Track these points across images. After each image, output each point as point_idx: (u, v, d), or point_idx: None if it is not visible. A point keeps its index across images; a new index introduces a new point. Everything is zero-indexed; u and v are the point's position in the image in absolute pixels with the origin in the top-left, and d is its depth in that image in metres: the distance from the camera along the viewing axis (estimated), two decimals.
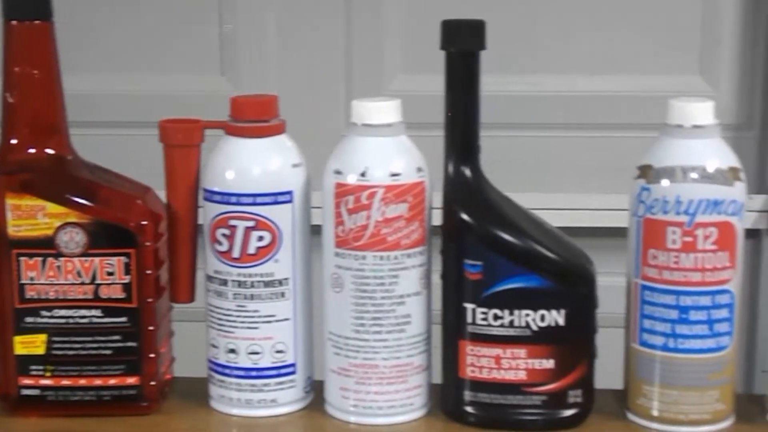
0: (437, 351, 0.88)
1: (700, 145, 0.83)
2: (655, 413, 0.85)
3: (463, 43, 0.84)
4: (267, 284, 0.87)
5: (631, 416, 0.87)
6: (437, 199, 0.86)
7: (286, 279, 0.87)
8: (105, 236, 0.86)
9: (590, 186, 1.49)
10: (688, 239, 0.82)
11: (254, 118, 0.87)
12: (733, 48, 1.49)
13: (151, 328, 0.88)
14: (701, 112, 0.84)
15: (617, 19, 1.49)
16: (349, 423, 0.88)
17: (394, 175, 0.84)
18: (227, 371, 0.89)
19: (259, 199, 0.86)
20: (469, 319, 0.85)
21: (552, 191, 1.48)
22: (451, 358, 0.87)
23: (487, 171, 0.87)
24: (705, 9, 1.48)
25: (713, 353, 0.84)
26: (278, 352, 0.88)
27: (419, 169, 0.85)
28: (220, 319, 0.88)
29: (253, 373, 0.88)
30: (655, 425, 0.86)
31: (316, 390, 0.91)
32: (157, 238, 0.88)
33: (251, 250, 0.86)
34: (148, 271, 0.87)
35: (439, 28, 0.84)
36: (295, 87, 1.53)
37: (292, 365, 0.89)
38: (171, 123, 0.90)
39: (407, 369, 0.87)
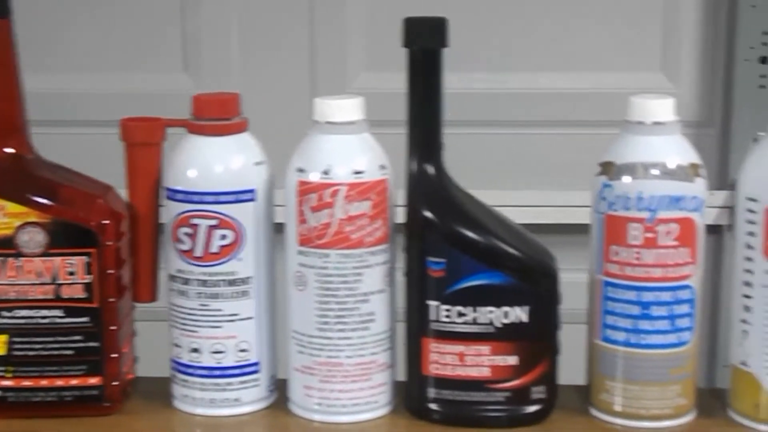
0: (401, 348, 0.88)
1: (660, 141, 0.84)
2: (618, 408, 0.86)
3: (425, 41, 0.84)
4: (230, 283, 0.87)
5: (593, 412, 0.88)
6: (401, 197, 0.86)
7: (249, 278, 0.87)
8: (66, 236, 0.85)
9: (553, 183, 1.50)
10: (650, 235, 0.83)
11: (216, 116, 0.87)
12: (694, 45, 1.50)
13: (113, 327, 0.87)
14: (662, 108, 0.84)
15: (579, 17, 1.50)
16: (313, 421, 0.88)
17: (357, 172, 0.84)
18: (190, 371, 0.88)
19: (221, 198, 0.85)
20: (433, 317, 0.85)
21: (515, 188, 1.49)
22: (415, 356, 0.87)
23: (451, 168, 0.87)
24: (666, 6, 1.49)
25: (675, 348, 0.85)
26: (242, 351, 0.88)
27: (382, 167, 0.85)
28: (182, 318, 0.88)
29: (217, 373, 0.88)
30: (617, 420, 0.86)
31: (280, 389, 0.91)
32: (119, 237, 0.87)
33: (214, 248, 0.86)
34: (110, 271, 0.86)
35: (401, 25, 0.84)
36: (258, 85, 1.52)
37: (256, 364, 0.89)
38: (132, 121, 0.90)
39: (371, 367, 0.87)
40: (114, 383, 0.88)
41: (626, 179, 0.83)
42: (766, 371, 0.84)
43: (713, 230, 1.47)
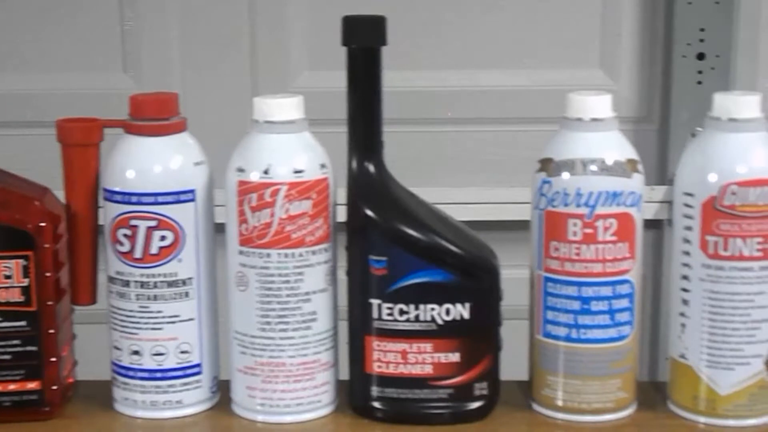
0: (344, 347, 0.88)
1: (599, 137, 0.85)
2: (560, 403, 0.87)
3: (363, 39, 0.84)
4: (170, 284, 0.86)
5: (536, 407, 0.89)
6: (342, 196, 0.86)
7: (189, 278, 0.86)
8: (2, 239, 0.84)
9: (493, 180, 1.50)
10: (589, 231, 0.84)
11: (154, 116, 0.86)
12: (633, 42, 1.52)
13: (51, 331, 0.86)
14: (599, 105, 0.85)
15: (519, 14, 1.51)
16: (256, 422, 0.87)
17: (297, 172, 0.84)
18: (131, 373, 0.87)
19: (160, 199, 0.85)
20: (375, 315, 0.85)
21: (456, 185, 1.49)
22: (358, 354, 0.87)
23: (392, 166, 0.87)
24: (605, 4, 1.51)
25: (615, 342, 0.85)
26: (183, 352, 0.87)
27: (323, 166, 0.85)
28: (123, 320, 0.87)
29: (158, 375, 0.87)
30: (559, 415, 0.87)
31: (222, 390, 0.90)
32: (57, 239, 0.86)
33: (153, 250, 0.85)
34: (48, 274, 0.85)
35: (340, 24, 0.84)
36: (199, 84, 1.51)
37: (198, 365, 0.88)
38: (69, 122, 0.88)
39: (314, 366, 0.86)
40: (53, 387, 0.87)
41: (565, 175, 0.84)
42: (704, 364, 0.85)
43: (654, 225, 1.48)
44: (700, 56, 1.47)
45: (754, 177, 0.82)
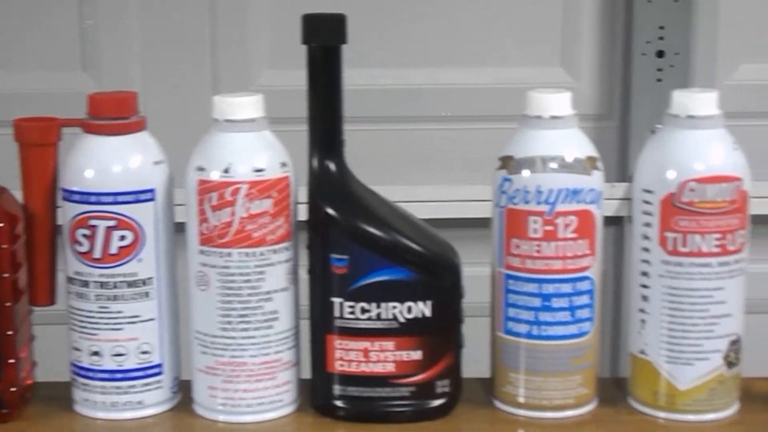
0: (306, 346, 0.88)
1: (558, 135, 0.85)
2: (521, 400, 0.87)
3: (323, 38, 0.84)
4: (130, 284, 0.85)
5: (498, 404, 0.89)
6: (303, 194, 0.86)
7: (150, 278, 0.86)
8: None
9: (454, 177, 1.51)
10: (549, 228, 0.84)
11: (113, 115, 0.85)
12: (593, 40, 1.52)
13: (9, 332, 0.85)
14: (559, 102, 0.85)
15: (480, 12, 1.51)
16: (217, 422, 0.87)
17: (257, 170, 0.84)
18: (91, 374, 0.87)
19: (119, 198, 0.84)
20: (337, 313, 0.85)
21: (417, 183, 1.49)
22: (320, 353, 0.86)
23: (353, 165, 0.87)
24: (565, 2, 1.51)
25: (575, 339, 0.86)
26: (144, 353, 0.87)
27: (283, 164, 0.85)
28: (82, 321, 0.86)
29: (118, 375, 0.86)
30: (521, 412, 0.87)
31: (183, 390, 0.90)
32: (14, 240, 0.85)
33: (113, 250, 0.85)
34: (5, 275, 0.84)
35: (300, 22, 0.84)
36: (160, 83, 1.50)
37: (159, 366, 0.87)
38: (26, 121, 0.88)
39: (276, 365, 0.86)
40: (12, 389, 0.86)
41: (525, 173, 0.84)
42: (664, 359, 0.86)
43: (615, 222, 1.49)
44: (660, 54, 1.48)
45: (712, 174, 0.83)
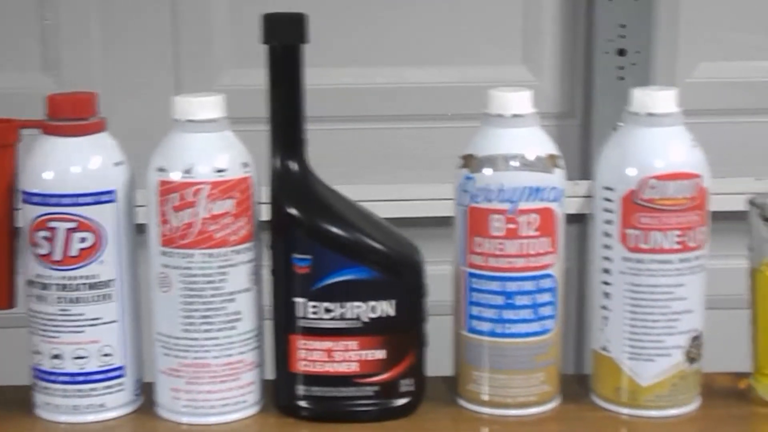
0: (269, 346, 0.88)
1: (520, 133, 0.85)
2: (485, 398, 0.87)
3: (284, 37, 0.84)
4: (92, 286, 0.85)
5: (461, 402, 0.89)
6: (265, 194, 0.86)
7: (111, 280, 0.85)
8: None
9: (417, 176, 1.51)
10: (512, 226, 0.84)
11: (72, 116, 0.85)
12: (555, 38, 1.53)
13: None
14: (520, 101, 0.86)
15: (442, 11, 1.51)
16: (181, 424, 0.86)
17: (219, 171, 0.83)
18: (52, 378, 0.86)
19: (80, 200, 0.83)
20: (300, 314, 0.85)
21: (380, 183, 1.49)
22: (283, 353, 0.86)
23: (316, 164, 0.87)
24: (527, 0, 1.52)
25: (538, 336, 0.86)
26: (105, 355, 0.86)
27: (245, 165, 0.85)
28: (43, 324, 0.85)
29: (80, 378, 0.86)
30: (485, 409, 0.88)
31: (146, 392, 0.89)
32: None
33: (73, 252, 0.84)
34: None
35: (260, 22, 0.84)
36: (121, 83, 1.49)
37: (121, 368, 0.87)
38: None
39: (239, 366, 0.86)
40: None
41: (487, 171, 0.84)
42: (626, 356, 0.86)
43: (578, 219, 1.50)
44: (621, 52, 1.49)
45: (672, 171, 0.84)
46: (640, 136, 0.85)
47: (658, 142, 0.85)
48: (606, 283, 0.87)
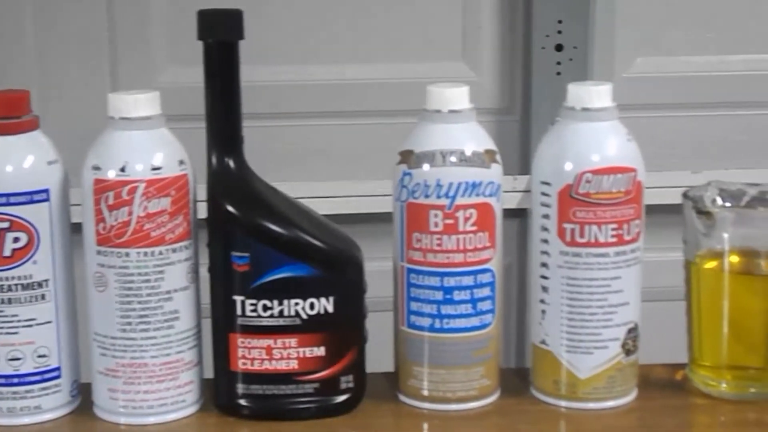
0: (208, 345, 0.87)
1: (457, 129, 0.86)
2: (426, 393, 0.87)
3: (220, 33, 0.83)
4: (25, 287, 0.83)
5: (402, 398, 0.89)
6: (202, 192, 0.85)
7: (45, 280, 0.84)
8: None
9: (357, 173, 1.51)
10: (450, 221, 0.84)
11: (4, 114, 0.83)
12: (493, 34, 1.54)
13: None
14: (457, 97, 0.86)
15: (381, 7, 1.52)
16: (119, 425, 0.86)
17: (155, 169, 0.82)
18: None
19: (12, 199, 0.82)
20: (239, 312, 0.85)
21: (319, 179, 1.49)
22: (222, 352, 0.86)
23: (254, 162, 0.86)
24: None
25: (477, 331, 0.87)
26: (41, 356, 0.85)
27: (181, 162, 0.84)
28: None
29: (15, 380, 0.84)
30: (425, 405, 0.88)
31: (84, 393, 0.88)
32: None
33: (6, 252, 0.83)
34: None
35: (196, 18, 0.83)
36: (57, 81, 1.47)
37: (57, 369, 0.86)
38: None
39: (177, 366, 0.85)
40: None
41: (425, 167, 0.84)
42: (564, 349, 0.87)
43: (518, 214, 1.51)
44: (559, 48, 1.50)
45: (607, 165, 0.84)
46: (575, 131, 0.86)
47: (594, 136, 0.85)
48: (544, 277, 0.87)
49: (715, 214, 0.87)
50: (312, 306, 0.85)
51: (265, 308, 0.84)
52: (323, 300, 0.85)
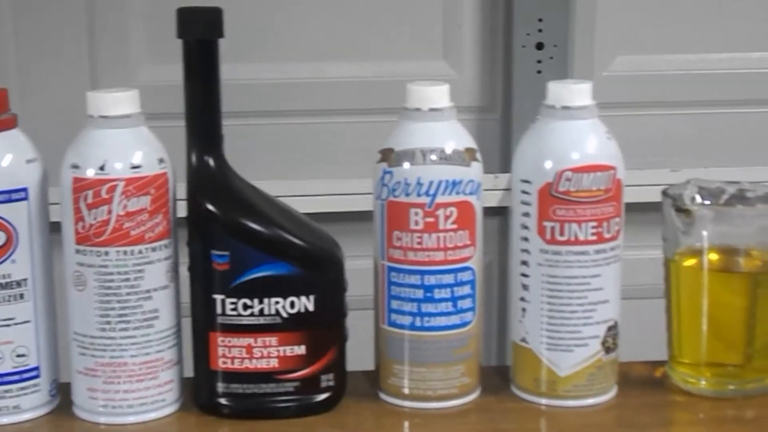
0: (188, 344, 0.87)
1: (437, 127, 0.86)
2: (406, 391, 0.87)
3: (199, 31, 0.83)
4: (4, 286, 0.83)
5: (383, 396, 0.89)
6: (182, 191, 0.85)
7: (24, 280, 0.84)
8: None
9: (337, 171, 1.51)
10: (430, 220, 0.84)
11: None
12: (474, 33, 1.54)
13: None
14: (438, 95, 0.86)
15: (361, 5, 1.51)
16: (99, 424, 0.85)
17: (134, 167, 0.82)
18: None
19: None
20: (219, 310, 0.84)
21: (299, 178, 1.49)
22: (203, 351, 0.85)
23: (235, 160, 0.86)
24: None
25: (458, 329, 0.87)
26: (19, 356, 0.84)
27: (161, 161, 0.84)
28: None
29: None
30: (406, 403, 0.88)
31: (63, 393, 0.88)
32: None
33: None
34: None
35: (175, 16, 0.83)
36: (36, 79, 1.47)
37: (36, 369, 0.85)
38: None
39: (157, 365, 0.85)
40: None
41: (406, 165, 0.84)
42: (545, 346, 0.87)
43: (499, 212, 1.51)
44: (539, 46, 1.50)
45: (587, 163, 0.85)
46: (555, 129, 0.86)
47: (573, 134, 0.86)
48: (524, 275, 0.87)
49: (694, 212, 0.88)
50: (292, 305, 0.85)
51: (246, 307, 0.84)
52: (303, 299, 0.85)
